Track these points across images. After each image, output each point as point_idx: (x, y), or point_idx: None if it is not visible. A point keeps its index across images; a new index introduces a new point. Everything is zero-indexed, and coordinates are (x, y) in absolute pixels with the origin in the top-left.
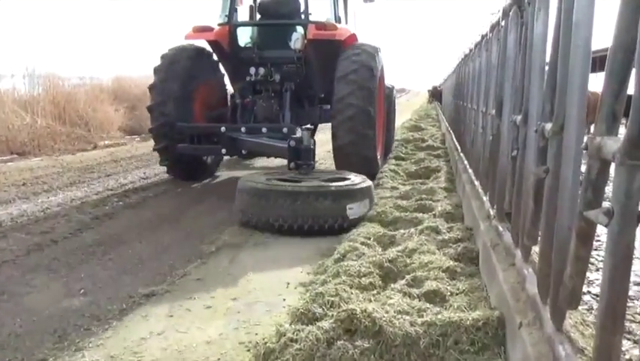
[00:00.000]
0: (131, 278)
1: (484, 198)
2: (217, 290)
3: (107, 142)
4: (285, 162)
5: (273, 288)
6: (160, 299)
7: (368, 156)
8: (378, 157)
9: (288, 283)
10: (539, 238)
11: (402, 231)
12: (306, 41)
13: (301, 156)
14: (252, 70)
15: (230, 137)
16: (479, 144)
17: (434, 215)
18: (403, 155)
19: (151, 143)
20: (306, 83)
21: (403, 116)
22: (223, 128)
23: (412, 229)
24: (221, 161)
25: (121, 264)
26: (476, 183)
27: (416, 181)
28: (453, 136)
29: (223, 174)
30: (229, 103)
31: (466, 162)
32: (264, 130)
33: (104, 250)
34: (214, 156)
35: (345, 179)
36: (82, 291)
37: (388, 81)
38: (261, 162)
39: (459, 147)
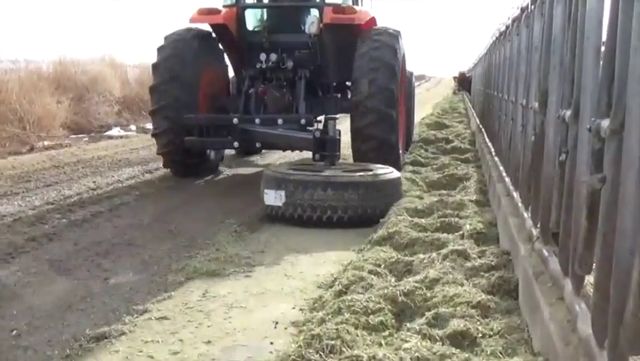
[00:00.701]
0: (77, 316)
1: (525, 215)
2: (186, 331)
3: (46, 143)
4: (287, 157)
5: (258, 328)
6: (113, 343)
7: (389, 140)
8: (400, 147)
9: (277, 323)
10: (594, 264)
11: (421, 256)
12: (321, 25)
13: (327, 147)
14: (263, 56)
15: (243, 129)
16: (518, 146)
17: (461, 236)
18: (422, 159)
19: (102, 144)
20: (321, 71)
21: (422, 110)
22: (235, 120)
23: (434, 254)
24: (224, 156)
25: (64, 298)
26: (515, 195)
27: (439, 192)
28: (485, 135)
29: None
30: (231, 92)
31: (501, 168)
32: (279, 121)
33: (41, 281)
34: (217, 150)
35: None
36: (14, 332)
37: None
38: (262, 158)
39: (492, 150)
